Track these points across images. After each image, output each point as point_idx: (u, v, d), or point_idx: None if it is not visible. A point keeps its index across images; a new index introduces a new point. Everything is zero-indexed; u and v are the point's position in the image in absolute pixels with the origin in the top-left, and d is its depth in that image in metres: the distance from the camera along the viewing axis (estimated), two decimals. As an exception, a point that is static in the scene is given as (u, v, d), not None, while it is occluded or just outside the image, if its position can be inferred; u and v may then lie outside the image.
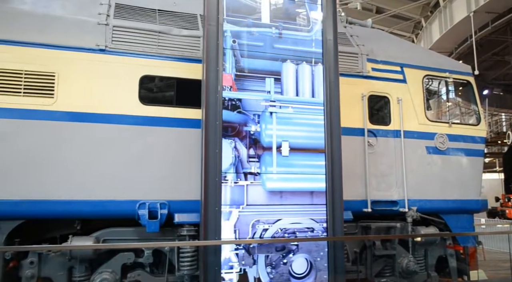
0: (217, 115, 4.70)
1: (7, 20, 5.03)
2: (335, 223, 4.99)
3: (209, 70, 4.75)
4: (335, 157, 5.10)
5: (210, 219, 4.54)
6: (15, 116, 4.83)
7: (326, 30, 5.36)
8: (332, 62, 5.29)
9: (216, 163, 4.63)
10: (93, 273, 5.03)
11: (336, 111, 5.20)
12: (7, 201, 4.71)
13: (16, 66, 4.88)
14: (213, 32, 4.84)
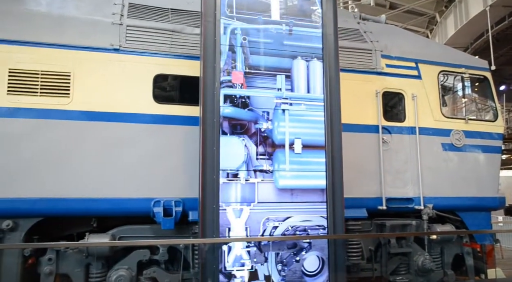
0: (214, 112, 4.68)
1: (24, 22, 5.12)
2: (336, 220, 4.93)
3: (206, 67, 4.73)
4: (335, 154, 5.03)
5: (208, 217, 4.54)
6: (32, 116, 4.92)
7: (326, 24, 5.27)
8: (332, 58, 5.21)
9: (213, 160, 4.62)
10: (110, 270, 5.09)
11: (337, 108, 5.12)
12: (26, 199, 4.80)
13: (32, 67, 4.97)
14: (211, 29, 4.82)
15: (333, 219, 4.91)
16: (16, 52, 4.96)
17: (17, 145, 4.84)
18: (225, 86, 4.84)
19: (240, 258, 4.70)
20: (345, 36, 6.49)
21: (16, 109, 4.88)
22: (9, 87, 4.88)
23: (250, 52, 5.01)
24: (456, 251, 6.55)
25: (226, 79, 4.87)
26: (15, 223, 4.85)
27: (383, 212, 6.07)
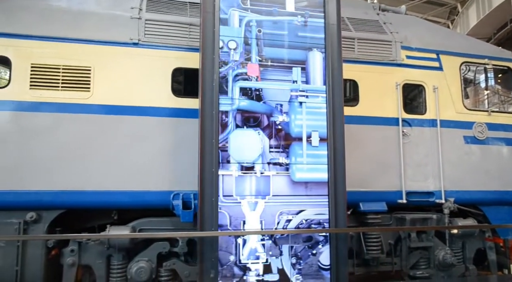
0: (213, 104, 4.64)
1: (45, 17, 5.19)
2: (338, 214, 4.85)
3: (205, 59, 4.68)
4: (337, 146, 4.93)
5: (207, 210, 4.51)
6: (54, 110, 5.01)
7: (329, 14, 5.13)
8: (335, 48, 5.08)
9: (212, 153, 4.58)
10: (130, 262, 5.17)
11: (339, 99, 5.01)
12: (49, 191, 4.90)
13: (54, 62, 5.05)
14: (210, 20, 4.75)
15: (334, 212, 4.83)
16: (38, 47, 5.04)
17: (40, 138, 4.93)
18: (240, 79, 4.81)
19: (255, 251, 4.70)
20: (364, 27, 6.41)
21: (39, 103, 4.97)
22: (31, 82, 4.98)
23: (264, 44, 4.95)
24: (478, 246, 6.44)
25: (241, 72, 4.84)
26: (38, 215, 4.96)
27: (403, 206, 5.99)
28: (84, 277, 5.38)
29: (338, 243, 4.83)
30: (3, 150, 4.84)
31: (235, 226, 4.63)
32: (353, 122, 5.90)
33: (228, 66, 4.78)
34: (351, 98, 6.25)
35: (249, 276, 4.64)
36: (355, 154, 5.82)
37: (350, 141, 5.83)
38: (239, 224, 4.65)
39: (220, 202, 4.59)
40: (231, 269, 4.61)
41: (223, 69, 4.76)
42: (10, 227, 4.90)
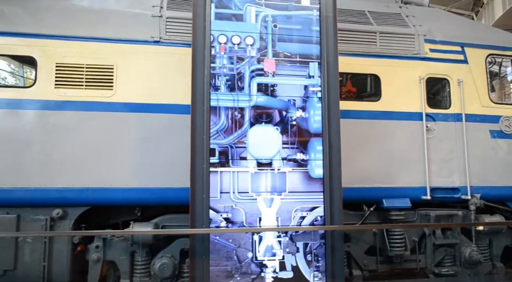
0: (204, 100, 4.56)
1: (68, 17, 5.28)
2: (333, 211, 4.72)
3: (196, 54, 4.60)
4: (333, 141, 4.78)
5: (198, 207, 4.45)
6: (78, 108, 5.09)
7: (325, 5, 4.98)
8: (331, 41, 4.92)
9: (203, 149, 4.50)
10: (154, 258, 5.23)
11: (335, 94, 4.84)
12: (74, 188, 5.00)
13: (78, 61, 5.14)
14: (200, 14, 4.66)
15: (329, 209, 4.71)
16: (62, 47, 5.13)
17: (65, 136, 5.03)
18: (254, 75, 4.77)
19: (271, 247, 4.67)
20: (386, 21, 6.31)
21: (63, 102, 5.06)
22: (56, 81, 5.07)
23: (278, 39, 4.89)
24: (506, 243, 6.27)
25: (258, 68, 4.79)
26: (64, 211, 5.07)
27: (428, 202, 5.88)
28: (109, 272, 5.47)
29: (334, 241, 4.70)
30: (30, 148, 4.95)
31: (250, 222, 4.59)
32: (375, 117, 5.84)
33: (245, 62, 4.74)
34: (372, 93, 6.17)
35: (265, 273, 4.61)
36: (377, 150, 5.78)
37: (372, 136, 5.80)
38: (254, 221, 4.62)
39: (235, 199, 4.56)
40: (248, 266, 4.59)
41: (239, 66, 4.72)
42: (37, 224, 5.02)
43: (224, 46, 4.69)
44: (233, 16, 4.76)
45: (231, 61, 4.69)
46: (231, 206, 4.54)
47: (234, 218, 4.56)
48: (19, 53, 5.14)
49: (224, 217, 4.54)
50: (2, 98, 4.97)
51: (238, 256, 4.57)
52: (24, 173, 4.92)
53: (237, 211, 4.56)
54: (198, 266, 4.39)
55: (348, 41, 5.98)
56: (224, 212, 4.54)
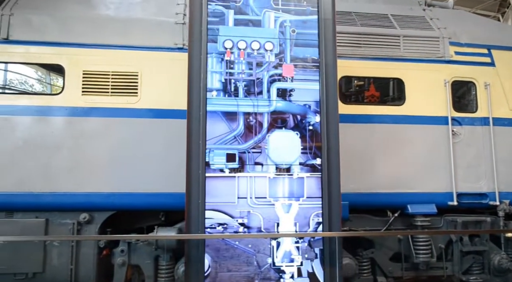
0: (200, 105, 4.53)
1: (95, 25, 5.41)
2: (332, 216, 4.62)
3: (192, 57, 4.59)
4: (332, 146, 4.69)
5: (194, 213, 4.43)
6: (104, 114, 5.21)
7: (324, 9, 4.91)
8: (330, 44, 4.85)
9: (199, 154, 4.48)
10: (177, 262, 5.27)
11: (334, 98, 4.77)
12: (100, 193, 5.10)
13: (104, 68, 5.26)
14: (197, 19, 4.65)
15: (328, 214, 4.61)
16: (89, 55, 5.27)
17: (91, 142, 5.14)
18: (272, 80, 4.76)
19: (289, 253, 4.63)
20: (409, 24, 6.24)
21: (90, 108, 5.18)
22: (83, 88, 5.20)
23: (295, 44, 4.86)
24: (537, 251, 6.08)
25: (275, 73, 4.77)
26: (90, 216, 5.17)
27: (454, 208, 5.76)
28: (133, 276, 5.54)
29: (332, 247, 4.61)
30: (58, 153, 5.08)
31: (268, 228, 4.57)
32: (399, 122, 5.77)
33: (264, 68, 4.74)
34: (396, 97, 6.10)
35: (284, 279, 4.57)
36: (401, 154, 5.71)
37: (396, 141, 5.73)
38: (272, 226, 4.59)
39: (253, 204, 4.55)
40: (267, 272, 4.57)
41: (258, 71, 4.72)
42: (65, 227, 5.14)
43: (243, 51, 4.72)
44: (250, 21, 4.78)
45: (249, 66, 4.70)
46: (248, 211, 4.53)
47: (251, 223, 4.55)
48: (48, 62, 5.29)
49: (239, 222, 4.53)
50: (32, 105, 5.12)
51: (258, 262, 4.56)
52: (53, 178, 5.05)
53: (254, 216, 4.55)
54: (193, 272, 4.38)
55: (371, 45, 5.93)
56: (239, 217, 4.53)
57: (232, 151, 4.58)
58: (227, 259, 4.54)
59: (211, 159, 4.54)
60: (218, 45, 4.69)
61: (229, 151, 4.58)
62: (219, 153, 4.57)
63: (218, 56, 4.66)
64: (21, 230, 5.03)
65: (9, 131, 5.05)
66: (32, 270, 5.02)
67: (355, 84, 6.22)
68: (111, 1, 5.70)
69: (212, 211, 4.49)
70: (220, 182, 4.55)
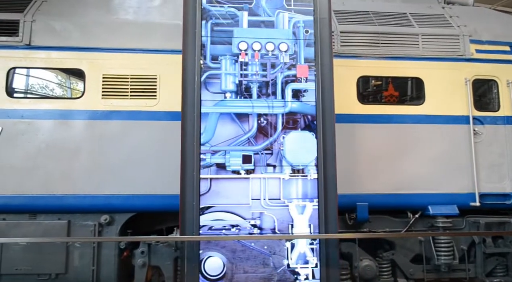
0: (195, 106, 4.52)
1: (114, 30, 5.50)
2: (328, 217, 4.56)
3: (186, 60, 4.59)
4: (328, 146, 4.63)
5: (188, 214, 4.43)
6: (124, 117, 5.28)
7: (320, 7, 4.83)
8: (326, 43, 4.78)
9: (193, 156, 4.48)
10: (197, 264, 5.30)
11: (330, 97, 4.71)
12: (120, 195, 5.17)
13: (123, 72, 5.33)
14: (191, 22, 4.64)
15: (324, 216, 4.55)
16: (108, 59, 5.35)
17: (111, 145, 5.22)
18: (286, 81, 4.73)
19: (304, 255, 4.61)
20: (428, 22, 6.16)
21: (110, 112, 5.27)
22: (103, 91, 5.29)
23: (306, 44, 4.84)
24: None
25: (290, 74, 4.74)
26: (111, 217, 5.25)
27: (477, 209, 5.65)
28: (153, 277, 5.59)
29: (328, 249, 4.56)
30: (79, 156, 5.17)
31: (281, 229, 4.55)
32: (419, 121, 5.71)
33: (278, 69, 4.73)
34: (415, 97, 6.02)
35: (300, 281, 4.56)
36: (421, 155, 5.64)
37: (416, 141, 5.65)
38: (286, 227, 4.56)
39: (266, 205, 4.54)
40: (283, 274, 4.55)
41: (273, 72, 4.71)
42: (86, 229, 5.22)
43: (258, 53, 4.71)
44: (262, 23, 4.77)
45: (263, 68, 4.70)
46: (261, 213, 4.52)
47: (264, 224, 4.53)
48: (69, 66, 5.39)
49: (252, 223, 4.52)
50: (54, 109, 5.23)
51: (274, 263, 4.55)
52: (74, 180, 5.14)
53: (268, 217, 4.54)
54: (189, 274, 4.38)
55: (389, 44, 5.87)
56: (251, 219, 4.52)
57: (248, 152, 4.58)
58: (243, 261, 4.55)
59: (227, 161, 4.54)
60: (233, 47, 4.70)
61: (245, 152, 4.58)
62: (235, 154, 4.58)
63: (231, 58, 4.67)
64: (44, 232, 5.14)
65: (32, 135, 5.16)
66: (55, 271, 5.11)
67: (373, 84, 6.17)
68: (129, 6, 5.77)
69: (224, 213, 4.50)
70: (233, 184, 4.56)
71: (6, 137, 5.14)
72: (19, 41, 5.35)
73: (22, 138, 5.16)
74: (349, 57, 5.77)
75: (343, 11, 6.18)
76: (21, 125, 5.18)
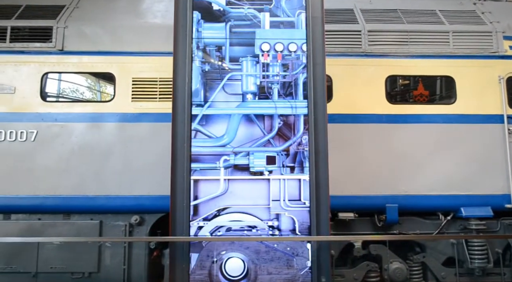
0: (185, 109, 4.48)
1: (143, 34, 5.60)
2: (320, 219, 4.44)
3: (177, 61, 4.55)
4: (319, 146, 4.52)
5: (179, 216, 4.40)
6: (153, 120, 5.38)
7: (312, 6, 4.70)
8: (319, 42, 4.66)
9: (184, 157, 4.44)
10: (225, 264, 5.33)
11: (322, 97, 4.58)
12: (150, 196, 5.26)
13: (152, 75, 5.43)
14: (182, 23, 4.59)
15: (316, 217, 4.44)
16: (137, 62, 5.47)
17: (141, 147, 5.32)
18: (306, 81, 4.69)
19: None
20: (459, 19, 6.00)
21: (139, 114, 5.38)
22: (133, 94, 5.40)
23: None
24: None
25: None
26: (141, 218, 5.35)
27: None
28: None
29: (320, 252, 4.46)
30: (111, 158, 5.30)
31: (301, 231, 4.49)
32: (450, 121, 5.57)
33: (300, 69, 4.68)
34: (445, 95, 5.88)
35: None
36: (453, 155, 5.50)
37: (447, 141, 5.52)
38: (306, 229, 4.50)
39: (286, 206, 4.50)
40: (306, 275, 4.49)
41: (294, 72, 4.66)
42: (118, 229, 5.34)
43: (281, 54, 4.68)
44: (281, 23, 4.74)
45: (284, 69, 4.66)
46: (281, 214, 4.49)
47: (284, 226, 4.49)
48: (99, 70, 5.54)
49: (269, 224, 4.49)
50: (86, 113, 5.38)
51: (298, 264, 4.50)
52: (106, 182, 5.27)
53: (288, 218, 4.49)
54: (178, 275, 4.38)
55: (418, 42, 5.76)
56: (269, 220, 4.49)
57: (272, 153, 4.56)
58: (267, 262, 4.52)
59: (250, 162, 4.52)
60: (255, 48, 4.69)
61: (269, 153, 4.55)
62: (259, 155, 4.56)
63: (252, 60, 4.66)
64: (78, 231, 5.30)
65: (65, 137, 5.33)
66: (88, 269, 5.25)
67: (402, 84, 6.06)
68: (158, 10, 5.88)
69: (241, 214, 4.49)
70: (251, 185, 4.54)
71: (41, 140, 5.32)
72: (53, 47, 5.54)
73: (56, 141, 5.33)
74: (377, 57, 5.70)
75: (371, 9, 6.11)
76: (55, 128, 5.35)
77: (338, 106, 5.54)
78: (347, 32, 5.79)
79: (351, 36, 5.78)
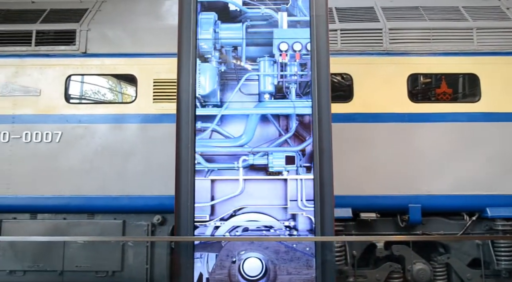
0: (189, 109, 4.47)
1: (163, 35, 5.65)
2: (325, 219, 4.36)
3: (181, 61, 4.55)
4: (324, 145, 4.44)
5: (183, 215, 4.40)
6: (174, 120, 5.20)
7: (316, 4, 4.64)
8: (323, 41, 4.59)
9: (188, 158, 4.42)
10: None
11: (326, 96, 4.51)
12: (171, 196, 5.22)
13: (173, 76, 5.39)
14: (187, 26, 4.60)
15: (320, 217, 4.37)
16: (158, 64, 5.52)
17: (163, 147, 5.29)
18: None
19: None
20: (483, 15, 5.88)
21: (161, 115, 5.43)
22: (154, 95, 5.47)
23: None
24: None
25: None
26: (163, 217, 5.42)
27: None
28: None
29: (324, 253, 4.39)
30: (133, 158, 5.38)
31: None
32: (475, 120, 5.45)
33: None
34: (470, 93, 5.76)
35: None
36: (478, 154, 5.38)
37: (472, 140, 5.42)
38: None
39: (303, 206, 4.45)
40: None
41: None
42: (140, 229, 5.42)
43: (299, 53, 4.63)
44: (298, 23, 4.69)
45: (301, 68, 4.62)
46: (298, 214, 4.43)
47: (301, 226, 4.44)
48: (121, 72, 5.62)
49: (286, 224, 4.43)
50: (108, 114, 5.47)
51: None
52: (128, 182, 5.35)
53: (306, 219, 4.44)
54: (183, 274, 4.38)
55: (441, 40, 5.67)
56: (285, 220, 4.44)
57: (291, 153, 4.52)
58: (286, 262, 4.48)
59: (269, 162, 4.50)
60: (274, 48, 4.66)
61: (288, 153, 4.52)
62: (278, 155, 4.53)
63: (270, 60, 4.63)
64: (101, 231, 5.40)
65: (89, 138, 5.43)
66: (112, 268, 5.34)
67: (425, 82, 5.96)
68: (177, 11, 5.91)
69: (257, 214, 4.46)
70: (268, 185, 4.50)
71: (65, 141, 5.44)
72: (76, 49, 5.65)
73: (80, 142, 5.43)
74: (399, 55, 5.62)
75: (392, 7, 6.04)
76: (79, 129, 5.46)
77: (359, 106, 5.48)
78: (368, 31, 5.74)
79: (372, 35, 5.72)
